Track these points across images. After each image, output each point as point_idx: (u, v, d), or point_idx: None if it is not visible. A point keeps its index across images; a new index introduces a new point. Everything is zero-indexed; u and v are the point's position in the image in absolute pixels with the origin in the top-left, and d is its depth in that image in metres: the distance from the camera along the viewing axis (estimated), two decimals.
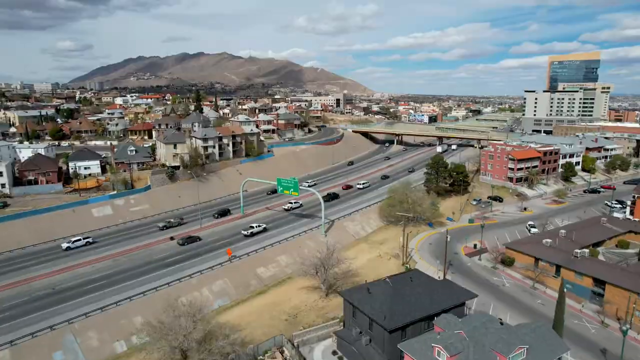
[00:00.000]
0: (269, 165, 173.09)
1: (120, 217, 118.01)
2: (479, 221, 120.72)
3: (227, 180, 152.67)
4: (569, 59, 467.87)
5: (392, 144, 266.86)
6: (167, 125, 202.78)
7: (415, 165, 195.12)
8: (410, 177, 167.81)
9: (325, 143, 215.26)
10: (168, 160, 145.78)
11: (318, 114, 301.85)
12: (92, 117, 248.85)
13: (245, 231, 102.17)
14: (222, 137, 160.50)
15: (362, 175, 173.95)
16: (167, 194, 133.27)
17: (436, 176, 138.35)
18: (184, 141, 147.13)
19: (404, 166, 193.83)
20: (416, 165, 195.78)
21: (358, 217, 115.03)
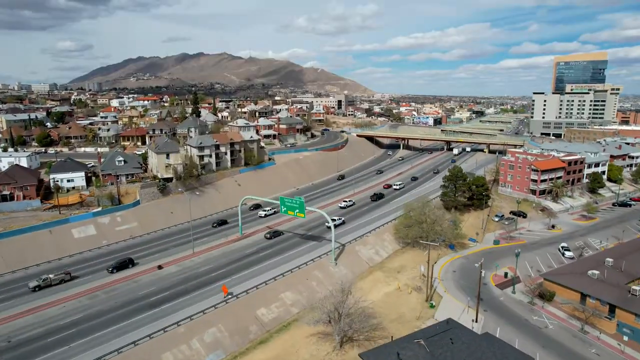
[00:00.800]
0: (270, 174, 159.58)
1: (104, 238, 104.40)
2: (505, 241, 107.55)
3: (224, 192, 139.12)
4: (575, 59, 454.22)
5: (398, 149, 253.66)
6: (161, 131, 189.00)
7: (424, 172, 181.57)
8: (425, 187, 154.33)
9: (329, 149, 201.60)
10: (160, 171, 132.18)
11: (320, 117, 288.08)
12: (85, 121, 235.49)
13: None
14: (220, 145, 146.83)
15: (370, 186, 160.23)
16: (158, 210, 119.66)
17: (454, 190, 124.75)
18: (177, 150, 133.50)
19: (415, 174, 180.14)
20: (426, 172, 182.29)
21: (371, 239, 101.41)
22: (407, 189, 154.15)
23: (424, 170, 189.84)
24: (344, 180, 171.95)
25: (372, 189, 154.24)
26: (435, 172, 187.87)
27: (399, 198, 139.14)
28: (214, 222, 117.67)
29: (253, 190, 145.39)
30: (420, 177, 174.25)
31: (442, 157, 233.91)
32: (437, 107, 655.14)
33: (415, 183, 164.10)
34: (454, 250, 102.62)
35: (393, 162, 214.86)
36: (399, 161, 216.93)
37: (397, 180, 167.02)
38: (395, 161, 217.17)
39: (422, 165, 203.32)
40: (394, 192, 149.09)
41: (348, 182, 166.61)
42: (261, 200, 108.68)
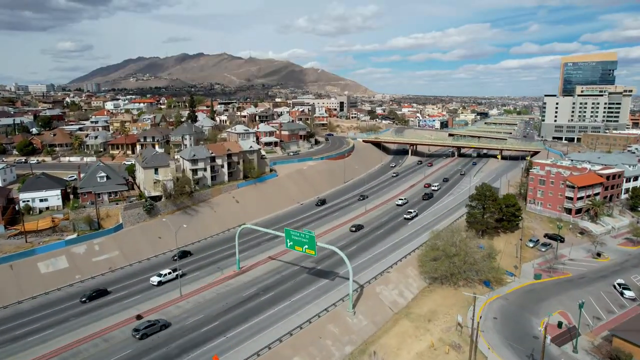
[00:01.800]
0: (272, 188, 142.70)
1: (78, 272, 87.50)
2: (546, 275, 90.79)
3: (221, 210, 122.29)
4: (584, 59, 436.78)
5: (405, 155, 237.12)
6: (153, 139, 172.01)
7: (440, 184, 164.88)
8: (442, 203, 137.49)
9: (335, 157, 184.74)
10: (148, 188, 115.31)
11: (324, 120, 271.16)
12: (74, 126, 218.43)
13: None
14: (216, 157, 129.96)
15: (381, 202, 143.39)
16: (144, 235, 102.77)
17: (482, 210, 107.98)
18: (167, 164, 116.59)
19: (429, 185, 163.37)
20: (441, 183, 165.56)
21: (393, 276, 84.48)
22: (424, 205, 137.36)
23: (438, 180, 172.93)
24: (351, 194, 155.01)
25: (384, 205, 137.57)
26: (445, 180, 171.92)
27: (416, 218, 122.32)
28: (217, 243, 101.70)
29: (252, 208, 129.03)
30: (437, 190, 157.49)
31: (454, 164, 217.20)
32: (439, 108, 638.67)
33: (436, 195, 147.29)
34: (489, 287, 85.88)
35: (402, 170, 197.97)
36: (409, 170, 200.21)
37: (408, 194, 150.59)
38: (405, 169, 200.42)
39: (435, 175, 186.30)
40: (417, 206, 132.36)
41: (356, 195, 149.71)
42: (262, 230, 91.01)
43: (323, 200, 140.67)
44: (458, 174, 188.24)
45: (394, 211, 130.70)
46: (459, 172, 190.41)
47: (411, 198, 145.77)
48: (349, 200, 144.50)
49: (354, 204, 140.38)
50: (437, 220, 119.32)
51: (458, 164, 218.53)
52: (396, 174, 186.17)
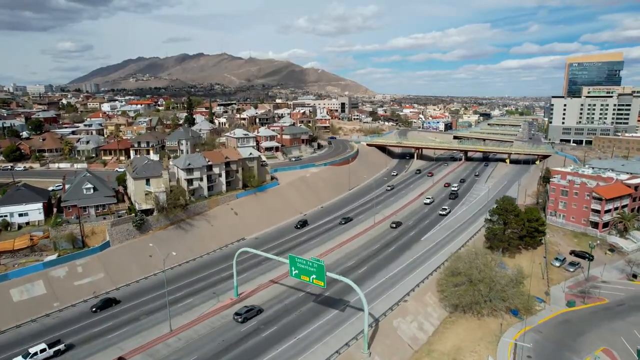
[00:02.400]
0: (273, 198, 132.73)
1: (56, 299, 77.57)
2: (579, 301, 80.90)
3: (218, 224, 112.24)
4: (589, 60, 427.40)
5: (411, 159, 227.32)
6: (147, 144, 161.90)
7: (453, 191, 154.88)
8: (456, 215, 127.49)
9: (339, 163, 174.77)
10: (139, 199, 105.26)
11: (326, 123, 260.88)
12: (67, 129, 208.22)
13: None
14: (213, 166, 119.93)
15: (391, 214, 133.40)
16: (134, 254, 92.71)
17: (503, 226, 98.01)
18: (159, 174, 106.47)
19: (440, 193, 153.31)
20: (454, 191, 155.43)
21: (411, 306, 74.48)
22: (436, 219, 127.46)
23: (442, 194, 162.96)
24: (358, 202, 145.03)
25: (393, 216, 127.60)
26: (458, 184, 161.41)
27: (429, 233, 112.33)
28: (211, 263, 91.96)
29: (252, 221, 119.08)
30: (446, 198, 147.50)
31: (462, 169, 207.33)
32: (441, 109, 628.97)
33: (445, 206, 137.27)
34: (518, 317, 75.92)
35: (409, 176, 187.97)
36: (415, 175, 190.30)
37: (416, 203, 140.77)
38: (411, 175, 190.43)
39: (444, 181, 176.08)
40: (422, 223, 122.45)
41: (363, 205, 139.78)
42: (262, 254, 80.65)
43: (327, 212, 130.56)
44: (468, 181, 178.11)
45: (404, 223, 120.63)
46: (469, 178, 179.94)
47: (431, 205, 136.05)
48: (356, 211, 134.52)
49: (361, 214, 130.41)
50: (452, 236, 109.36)
51: (466, 168, 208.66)
52: (419, 171, 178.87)
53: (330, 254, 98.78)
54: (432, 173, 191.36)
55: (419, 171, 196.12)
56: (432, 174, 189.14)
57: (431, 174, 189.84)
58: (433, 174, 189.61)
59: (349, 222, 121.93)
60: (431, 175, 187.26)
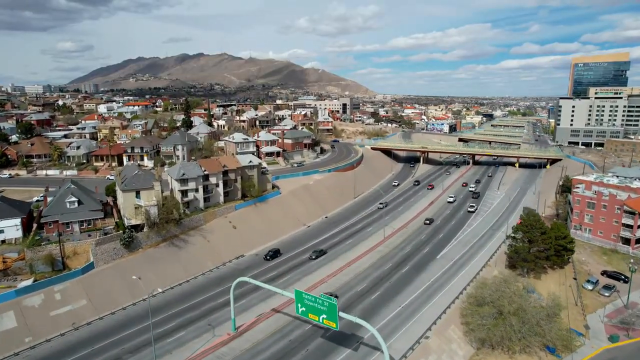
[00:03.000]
0: (274, 209, 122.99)
1: (29, 334, 67.73)
2: (623, 334, 71.04)
3: (215, 239, 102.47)
4: (595, 60, 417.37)
5: (417, 163, 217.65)
6: (141, 149, 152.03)
7: (462, 198, 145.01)
8: (472, 227, 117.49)
9: (344, 169, 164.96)
10: (128, 213, 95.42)
11: (329, 126, 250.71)
12: (59, 133, 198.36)
13: None
14: (209, 176, 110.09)
15: (400, 226, 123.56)
16: (121, 276, 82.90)
17: (528, 245, 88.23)
18: (150, 186, 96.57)
19: (454, 201, 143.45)
20: (467, 198, 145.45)
21: (433, 343, 64.59)
22: (451, 230, 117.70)
23: (459, 195, 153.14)
24: (364, 212, 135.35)
25: (405, 229, 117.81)
26: (475, 196, 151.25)
27: (445, 249, 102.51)
28: (203, 287, 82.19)
29: (252, 235, 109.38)
30: (458, 208, 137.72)
31: (471, 174, 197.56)
32: (443, 109, 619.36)
33: (458, 218, 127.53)
34: (555, 355, 66.08)
35: (416, 178, 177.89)
36: (424, 179, 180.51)
37: (430, 213, 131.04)
38: (420, 177, 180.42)
39: (454, 188, 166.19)
40: (436, 238, 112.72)
41: (370, 215, 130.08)
42: (263, 286, 70.21)
43: None
44: (479, 189, 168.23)
45: (416, 238, 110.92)
46: (479, 187, 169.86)
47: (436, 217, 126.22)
48: (363, 222, 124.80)
49: (370, 226, 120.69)
50: (470, 253, 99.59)
51: (475, 173, 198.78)
52: (417, 182, 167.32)
53: (338, 275, 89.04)
54: (432, 186, 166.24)
55: (417, 182, 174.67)
56: (433, 187, 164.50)
57: (431, 186, 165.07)
58: (433, 187, 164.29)
59: (356, 236, 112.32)
60: (431, 187, 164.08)
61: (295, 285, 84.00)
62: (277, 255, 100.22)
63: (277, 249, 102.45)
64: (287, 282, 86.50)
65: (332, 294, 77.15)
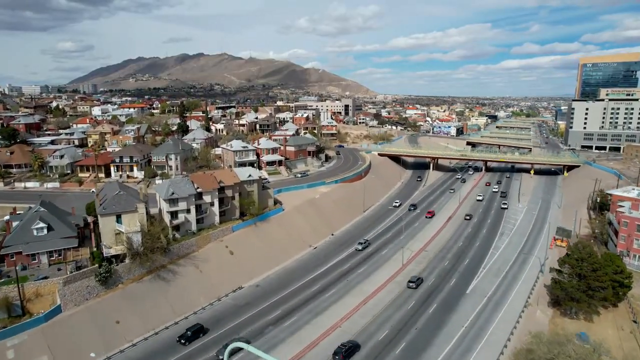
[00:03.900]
0: (277, 228, 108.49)
1: None
2: None
3: (209, 269, 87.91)
4: (604, 60, 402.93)
5: (426, 170, 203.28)
6: (131, 159, 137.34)
7: (480, 214, 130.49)
8: (500, 251, 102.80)
9: (351, 179, 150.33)
10: (107, 241, 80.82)
11: (333, 130, 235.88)
12: (47, 138, 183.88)
13: None
14: (203, 193, 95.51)
15: (423, 247, 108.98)
16: (94, 321, 68.27)
17: (577, 281, 73.70)
18: (133, 208, 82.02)
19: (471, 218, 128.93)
20: (481, 214, 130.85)
21: None
22: (476, 255, 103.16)
23: (475, 211, 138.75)
24: (376, 230, 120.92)
25: (423, 252, 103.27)
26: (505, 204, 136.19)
27: (475, 281, 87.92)
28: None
29: (252, 261, 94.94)
30: (479, 225, 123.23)
31: (484, 182, 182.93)
32: (445, 110, 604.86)
33: (482, 238, 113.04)
34: None
35: (428, 192, 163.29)
36: (436, 189, 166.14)
37: (449, 232, 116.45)
38: (429, 190, 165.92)
39: (470, 201, 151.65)
40: (461, 264, 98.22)
41: (383, 233, 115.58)
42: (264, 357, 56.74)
43: None
44: (497, 202, 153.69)
45: (439, 264, 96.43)
46: (496, 199, 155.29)
47: (457, 236, 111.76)
48: (375, 244, 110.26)
49: (384, 248, 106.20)
50: (505, 287, 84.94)
51: (490, 181, 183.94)
52: (414, 207, 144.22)
53: (353, 316, 74.49)
54: (430, 212, 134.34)
55: (413, 206, 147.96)
56: (430, 212, 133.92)
57: (431, 213, 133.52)
58: (428, 211, 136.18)
59: (369, 261, 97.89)
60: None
61: (305, 330, 70.23)
62: None
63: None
64: (295, 325, 72.06)
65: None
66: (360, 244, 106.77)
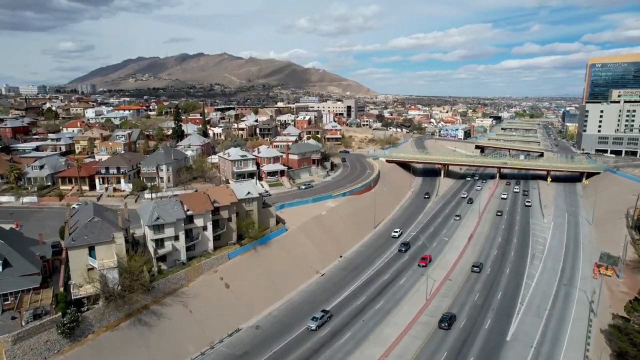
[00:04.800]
0: (279, 252, 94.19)
1: None
2: None
3: (200, 307, 73.55)
4: (614, 60, 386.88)
5: (436, 177, 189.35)
6: (118, 169, 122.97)
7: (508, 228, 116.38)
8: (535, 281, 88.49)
9: (360, 191, 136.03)
10: (77, 279, 66.47)
11: (337, 134, 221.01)
12: (31, 144, 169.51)
13: None
14: (194, 217, 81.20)
15: (446, 276, 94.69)
16: None
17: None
18: (109, 239, 67.80)
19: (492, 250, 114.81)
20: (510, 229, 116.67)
21: None
22: (509, 285, 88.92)
23: (500, 225, 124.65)
24: (389, 252, 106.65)
25: (447, 282, 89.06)
26: None
27: (514, 324, 73.68)
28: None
29: (251, 295, 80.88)
30: (509, 245, 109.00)
31: (500, 192, 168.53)
32: (448, 111, 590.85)
33: (511, 261, 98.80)
34: None
35: (441, 206, 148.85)
36: (449, 199, 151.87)
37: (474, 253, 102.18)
38: (442, 203, 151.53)
39: (490, 214, 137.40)
40: (493, 298, 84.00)
41: (398, 257, 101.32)
42: None
43: None
44: (519, 211, 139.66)
45: (468, 299, 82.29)
46: (517, 211, 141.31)
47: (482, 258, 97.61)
48: (392, 268, 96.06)
49: (401, 277, 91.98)
50: (552, 332, 70.77)
51: (505, 192, 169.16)
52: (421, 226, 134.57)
53: None
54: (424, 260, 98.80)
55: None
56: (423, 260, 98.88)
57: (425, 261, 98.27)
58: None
59: (387, 294, 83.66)
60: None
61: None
62: None
63: None
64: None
65: None
66: None
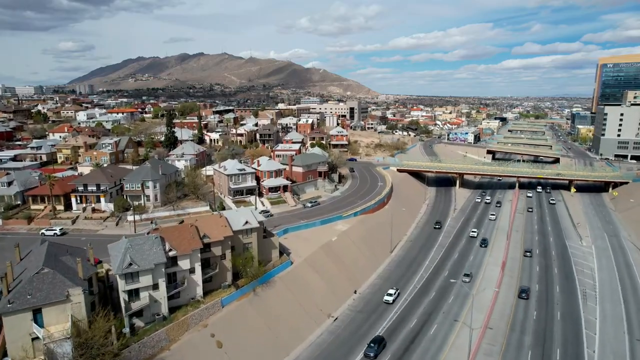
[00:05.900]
0: (284, 293, 77.13)
1: None
2: None
3: None
4: (627, 60, 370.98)
5: (451, 187, 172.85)
6: (97, 187, 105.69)
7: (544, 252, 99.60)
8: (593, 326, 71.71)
9: (373, 209, 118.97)
10: (16, 354, 49.53)
11: (343, 140, 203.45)
12: (8, 153, 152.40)
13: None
14: (179, 258, 64.11)
15: (486, 319, 77.67)
16: None
17: None
18: (62, 298, 50.98)
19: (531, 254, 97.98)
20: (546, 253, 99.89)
21: None
22: (565, 338, 71.97)
23: (534, 248, 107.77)
24: (411, 286, 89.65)
25: (488, 331, 72.10)
26: None
27: None
28: None
29: (249, 354, 63.65)
30: (550, 277, 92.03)
31: (523, 207, 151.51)
32: (451, 112, 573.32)
33: (563, 306, 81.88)
34: None
35: (462, 224, 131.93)
36: (469, 217, 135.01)
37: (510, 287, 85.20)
38: (462, 219, 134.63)
39: (518, 234, 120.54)
40: (550, 358, 67.07)
41: (424, 292, 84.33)
42: None
43: None
44: (549, 230, 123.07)
45: (518, 358, 65.44)
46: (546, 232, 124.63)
47: None
48: (418, 310, 79.07)
49: (432, 323, 75.02)
50: None
51: (529, 206, 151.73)
52: None
53: None
54: None
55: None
56: None
57: None
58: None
59: (417, 350, 66.64)
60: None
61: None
62: None
63: None
64: None
65: None
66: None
